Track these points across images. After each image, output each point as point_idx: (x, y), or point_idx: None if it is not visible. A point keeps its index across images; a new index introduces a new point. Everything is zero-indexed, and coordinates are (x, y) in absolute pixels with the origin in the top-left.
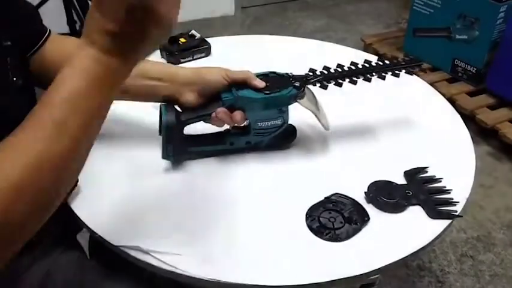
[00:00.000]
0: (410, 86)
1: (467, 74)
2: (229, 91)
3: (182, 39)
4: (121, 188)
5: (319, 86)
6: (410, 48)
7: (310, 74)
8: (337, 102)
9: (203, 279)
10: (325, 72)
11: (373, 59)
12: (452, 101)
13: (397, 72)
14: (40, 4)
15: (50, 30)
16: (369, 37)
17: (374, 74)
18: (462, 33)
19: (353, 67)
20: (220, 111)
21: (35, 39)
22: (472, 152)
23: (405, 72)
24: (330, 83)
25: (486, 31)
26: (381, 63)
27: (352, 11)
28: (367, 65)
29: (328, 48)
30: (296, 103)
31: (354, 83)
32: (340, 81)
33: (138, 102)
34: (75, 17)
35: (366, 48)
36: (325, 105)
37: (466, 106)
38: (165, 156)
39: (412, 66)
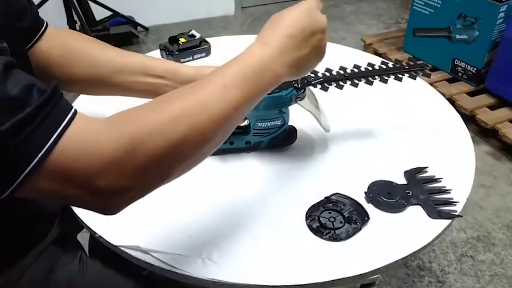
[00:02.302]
0: (410, 86)
1: (467, 74)
2: None
3: (182, 39)
4: None
5: (320, 88)
6: (410, 48)
7: (312, 75)
8: (337, 102)
9: (203, 279)
10: (327, 74)
11: (377, 61)
12: (452, 101)
13: (400, 76)
14: (40, 4)
15: (46, 23)
16: (369, 37)
17: (376, 77)
18: (462, 33)
19: (355, 69)
20: None
21: (32, 33)
22: (472, 152)
23: (408, 77)
24: (331, 85)
25: (486, 31)
26: (384, 66)
27: (352, 11)
28: (369, 68)
29: (329, 48)
30: (296, 104)
31: (355, 85)
32: (342, 83)
33: (139, 99)
34: (75, 17)
35: (366, 48)
36: (325, 105)
37: (466, 106)
38: None
39: (416, 71)
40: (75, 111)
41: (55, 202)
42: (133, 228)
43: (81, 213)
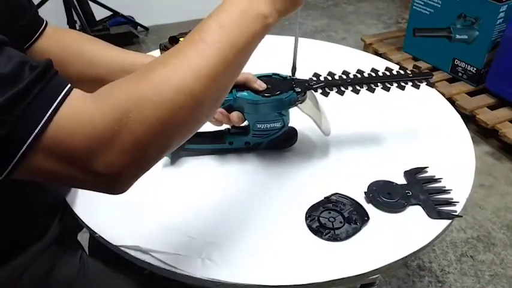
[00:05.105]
0: (410, 86)
1: (467, 74)
2: (229, 92)
3: (182, 39)
4: None
5: (321, 93)
6: (410, 48)
7: (314, 79)
8: (337, 103)
9: (203, 279)
10: (329, 78)
11: (381, 66)
12: (452, 101)
13: (403, 84)
14: (40, 4)
15: (46, 22)
16: (369, 37)
17: (379, 84)
18: (462, 33)
19: (358, 75)
20: (217, 111)
21: (31, 31)
22: (472, 152)
23: (412, 85)
24: (332, 90)
25: (486, 31)
26: (387, 73)
27: (352, 11)
28: (373, 74)
29: (330, 48)
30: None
31: (357, 92)
32: (343, 89)
33: None
34: (75, 17)
35: (366, 48)
36: (325, 105)
37: (466, 106)
38: None
39: (420, 80)
40: (71, 87)
41: (57, 192)
42: (133, 228)
43: (81, 213)
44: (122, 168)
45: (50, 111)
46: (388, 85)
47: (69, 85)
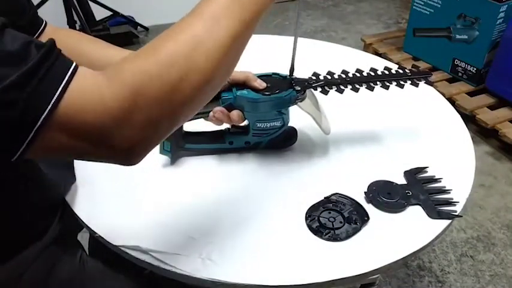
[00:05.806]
0: (410, 85)
1: (467, 74)
2: (230, 90)
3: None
4: (120, 187)
5: (320, 91)
6: (410, 48)
7: (313, 78)
8: (337, 102)
9: (203, 279)
10: (329, 77)
11: (380, 65)
12: (452, 101)
13: (402, 83)
14: (40, 4)
15: (45, 22)
16: (369, 37)
17: (378, 83)
18: (462, 33)
19: (357, 74)
20: (217, 110)
21: (31, 32)
22: (472, 152)
23: (411, 84)
24: (332, 88)
25: (486, 31)
26: (386, 72)
27: (352, 11)
28: (372, 73)
29: (330, 48)
30: (296, 106)
31: (356, 90)
32: (342, 87)
33: None
34: (75, 17)
35: (366, 48)
36: (325, 105)
37: (466, 106)
38: (162, 151)
39: (419, 78)
40: (77, 65)
41: (57, 192)
42: (133, 228)
43: (81, 213)
44: (134, 142)
45: (61, 87)
46: (388, 84)
47: (74, 63)
